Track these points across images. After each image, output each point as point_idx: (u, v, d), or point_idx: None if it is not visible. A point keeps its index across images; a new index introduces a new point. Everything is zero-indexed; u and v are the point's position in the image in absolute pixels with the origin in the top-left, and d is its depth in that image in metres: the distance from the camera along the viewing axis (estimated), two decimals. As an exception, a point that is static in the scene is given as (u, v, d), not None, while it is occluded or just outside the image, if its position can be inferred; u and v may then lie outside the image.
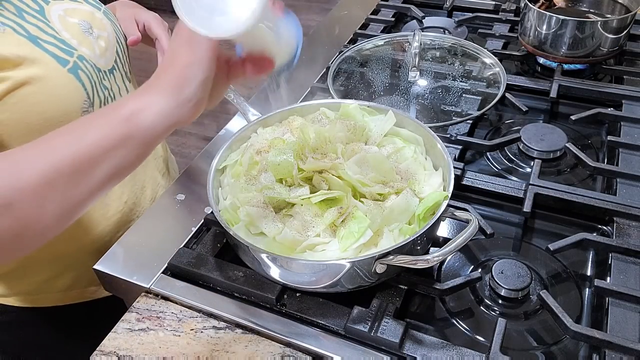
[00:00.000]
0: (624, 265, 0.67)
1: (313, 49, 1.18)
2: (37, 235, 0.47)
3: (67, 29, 0.71)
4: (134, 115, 0.46)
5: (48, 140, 0.46)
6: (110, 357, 0.62)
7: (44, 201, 0.45)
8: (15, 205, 0.43)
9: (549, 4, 1.08)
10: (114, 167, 0.47)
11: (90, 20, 0.75)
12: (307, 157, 0.67)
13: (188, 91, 0.47)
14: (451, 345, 0.59)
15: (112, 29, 0.79)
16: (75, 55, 0.69)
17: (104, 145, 0.45)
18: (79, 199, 0.47)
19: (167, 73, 0.47)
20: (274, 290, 0.65)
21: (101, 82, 0.73)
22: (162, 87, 0.47)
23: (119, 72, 0.79)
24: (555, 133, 0.87)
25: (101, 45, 0.75)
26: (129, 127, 0.46)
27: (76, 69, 0.68)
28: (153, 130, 0.47)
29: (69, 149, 0.45)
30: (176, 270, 0.70)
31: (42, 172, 0.44)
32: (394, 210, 0.63)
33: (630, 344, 0.57)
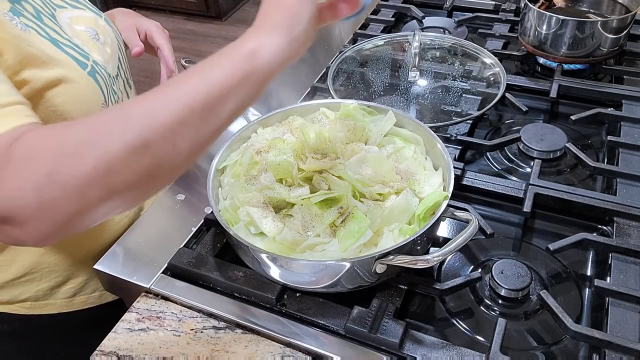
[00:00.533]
0: (624, 265, 0.67)
1: (313, 49, 1.18)
2: (170, 174, 0.49)
3: (76, 35, 0.71)
4: (253, 53, 0.48)
5: (178, 82, 0.48)
6: (110, 357, 0.62)
7: (178, 139, 0.46)
8: (152, 145, 0.44)
9: (549, 4, 1.08)
10: (237, 104, 0.49)
11: (95, 27, 0.76)
12: (307, 157, 0.67)
13: (299, 28, 0.50)
14: (451, 345, 0.59)
15: (114, 36, 0.79)
16: (90, 59, 0.69)
17: (230, 83, 0.47)
18: (208, 135, 0.48)
19: (277, 12, 0.50)
20: (274, 290, 0.65)
21: (112, 87, 0.73)
22: (275, 26, 0.50)
23: (122, 78, 0.79)
24: (555, 133, 0.87)
25: (107, 51, 0.75)
26: (251, 65, 0.48)
27: (94, 72, 0.68)
28: (270, 67, 0.49)
29: (200, 89, 0.47)
30: (176, 270, 0.70)
31: (175, 112, 0.45)
32: (394, 210, 0.63)
33: (630, 344, 0.57)
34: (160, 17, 3.53)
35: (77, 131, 0.45)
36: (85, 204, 0.45)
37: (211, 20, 3.56)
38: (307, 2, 0.51)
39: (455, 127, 0.89)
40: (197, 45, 3.30)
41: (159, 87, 0.48)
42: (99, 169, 0.43)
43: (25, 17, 0.63)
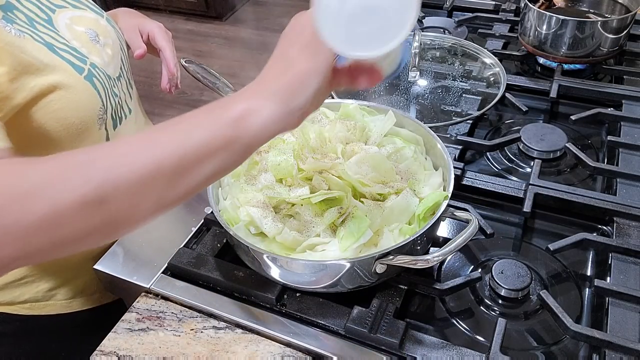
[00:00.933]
0: (624, 265, 0.67)
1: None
2: (125, 232, 0.45)
3: (75, 37, 0.70)
4: (242, 118, 0.43)
5: (152, 135, 0.44)
6: (110, 357, 0.62)
7: (140, 200, 0.42)
8: (109, 201, 0.41)
9: (549, 4, 1.08)
10: (214, 169, 0.45)
11: (96, 28, 0.74)
12: (307, 157, 0.67)
13: (300, 100, 0.45)
14: (451, 345, 0.59)
15: (116, 36, 0.78)
16: (88, 63, 0.68)
17: (209, 146, 0.43)
18: (175, 198, 0.45)
19: (281, 78, 0.45)
20: (274, 290, 0.65)
21: (112, 90, 0.73)
22: (274, 91, 0.44)
23: (124, 78, 0.79)
24: (555, 133, 0.87)
25: (108, 53, 0.74)
26: (236, 130, 0.43)
27: (91, 76, 0.67)
28: (258, 136, 0.44)
29: (175, 147, 0.43)
30: (176, 270, 0.70)
31: (142, 170, 0.41)
32: (394, 210, 0.63)
33: (630, 344, 0.57)
34: (160, 17, 3.53)
35: (34, 173, 0.41)
36: (28, 251, 0.41)
37: (211, 20, 3.56)
38: (319, 72, 0.45)
39: (455, 127, 0.89)
40: (197, 45, 3.30)
41: (132, 137, 0.44)
42: (46, 219, 0.40)
43: (19, 25, 0.62)
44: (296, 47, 0.45)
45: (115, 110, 0.74)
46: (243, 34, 3.39)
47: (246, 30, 3.40)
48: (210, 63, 3.02)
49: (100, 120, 0.69)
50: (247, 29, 3.41)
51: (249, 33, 3.38)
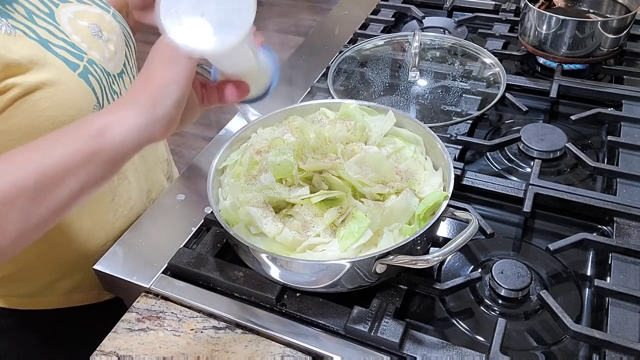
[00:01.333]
0: (624, 265, 0.67)
1: (313, 49, 1.18)
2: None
3: (77, 32, 0.69)
4: (103, 130, 0.45)
5: (11, 157, 0.45)
6: (110, 357, 0.62)
7: (3, 221, 0.43)
8: None
9: (549, 4, 1.08)
10: (80, 185, 0.46)
11: (100, 23, 0.74)
12: (307, 157, 0.67)
13: (161, 109, 0.46)
14: (451, 345, 0.59)
15: (121, 32, 0.77)
16: (85, 59, 0.67)
17: (70, 162, 0.44)
18: (40, 218, 0.45)
19: (142, 89, 0.47)
20: (274, 290, 0.65)
21: (111, 87, 0.72)
22: (135, 103, 0.46)
23: (128, 75, 0.78)
24: (555, 133, 0.87)
25: (110, 49, 0.73)
26: (98, 143, 0.45)
27: (86, 73, 0.66)
28: (122, 146, 0.46)
29: (33, 166, 0.44)
30: (176, 270, 0.70)
31: (2, 191, 0.43)
32: (394, 210, 0.63)
33: (630, 344, 0.57)
34: (160, 17, 3.52)
35: None
36: None
37: (211, 20, 3.55)
38: (178, 81, 0.46)
39: (455, 127, 0.89)
40: (197, 45, 3.30)
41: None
42: None
43: (14, 19, 0.61)
44: (156, 61, 0.47)
45: None
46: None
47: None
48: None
49: None
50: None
51: (249, 33, 3.38)
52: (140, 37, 0.89)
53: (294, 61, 1.14)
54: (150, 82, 0.47)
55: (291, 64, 1.13)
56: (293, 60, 1.14)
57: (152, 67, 0.47)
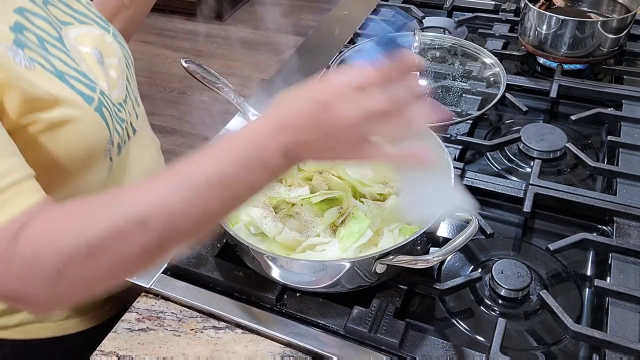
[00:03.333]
0: (624, 265, 0.67)
1: (313, 49, 1.18)
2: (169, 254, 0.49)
3: (83, 59, 0.66)
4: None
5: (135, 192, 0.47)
6: (110, 357, 0.62)
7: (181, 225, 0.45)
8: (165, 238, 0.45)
9: (549, 4, 1.08)
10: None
11: (101, 47, 0.70)
12: None
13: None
14: (451, 345, 0.59)
15: (121, 53, 0.75)
16: (97, 90, 0.64)
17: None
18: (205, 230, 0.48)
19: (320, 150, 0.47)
20: (274, 290, 0.65)
21: (117, 116, 0.69)
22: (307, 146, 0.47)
23: (131, 99, 0.75)
24: (555, 133, 0.87)
25: (112, 75, 0.70)
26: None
27: (100, 106, 0.64)
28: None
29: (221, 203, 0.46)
30: (176, 270, 0.70)
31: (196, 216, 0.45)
32: (394, 210, 0.63)
33: (630, 344, 0.57)
34: (160, 17, 3.53)
35: (93, 231, 0.44)
36: (91, 292, 0.47)
37: (211, 20, 3.56)
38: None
39: (455, 127, 0.89)
40: (197, 45, 3.30)
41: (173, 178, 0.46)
42: (112, 270, 0.45)
43: (30, 49, 0.58)
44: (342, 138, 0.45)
45: (123, 138, 0.71)
46: (243, 34, 3.39)
47: (246, 30, 3.40)
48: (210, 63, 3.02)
49: (107, 151, 0.66)
50: (247, 29, 3.41)
51: (249, 33, 3.38)
52: (140, 37, 0.89)
53: (294, 61, 1.14)
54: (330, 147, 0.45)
55: (291, 64, 1.13)
56: (293, 60, 1.14)
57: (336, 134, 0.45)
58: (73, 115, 0.60)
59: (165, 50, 3.16)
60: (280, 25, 3.41)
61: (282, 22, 3.46)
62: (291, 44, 3.23)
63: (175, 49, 3.21)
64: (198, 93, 2.74)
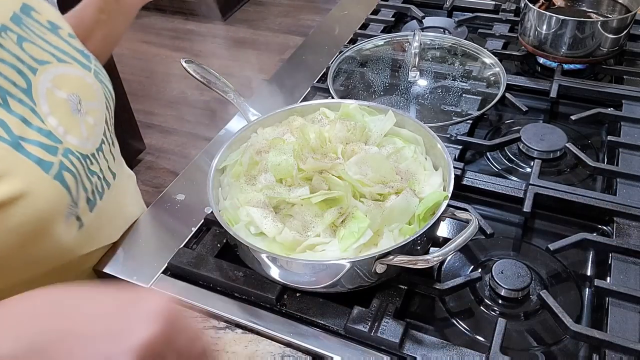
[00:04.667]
0: (624, 265, 0.67)
1: (313, 49, 1.18)
2: None
3: (54, 111, 0.60)
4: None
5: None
6: (110, 357, 0.62)
7: None
8: None
9: (549, 4, 1.08)
10: None
11: (80, 91, 0.65)
12: (307, 157, 0.67)
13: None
14: (451, 345, 0.59)
15: (102, 94, 0.70)
16: (60, 151, 0.58)
17: None
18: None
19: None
20: (274, 290, 0.65)
21: (88, 170, 0.63)
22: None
23: (107, 144, 0.70)
24: (555, 133, 0.87)
25: (89, 122, 0.65)
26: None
27: (61, 170, 0.58)
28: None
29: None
30: (176, 270, 0.70)
31: None
32: (394, 210, 0.63)
33: (630, 344, 0.57)
34: (160, 17, 3.53)
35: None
36: None
37: (211, 20, 3.56)
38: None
39: (455, 127, 0.89)
40: (197, 45, 3.30)
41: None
42: None
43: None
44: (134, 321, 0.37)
45: (94, 191, 0.66)
46: (243, 34, 3.39)
47: (246, 30, 3.41)
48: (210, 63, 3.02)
49: (69, 214, 0.60)
50: (247, 29, 3.41)
51: (249, 33, 3.38)
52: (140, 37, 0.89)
53: (294, 61, 1.14)
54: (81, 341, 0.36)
55: (291, 64, 1.13)
56: (293, 60, 1.14)
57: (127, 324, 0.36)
58: (23, 189, 0.53)
59: (165, 50, 3.16)
60: (280, 25, 3.41)
61: (282, 22, 3.46)
62: (291, 44, 3.23)
63: (175, 49, 3.21)
64: (198, 93, 2.74)
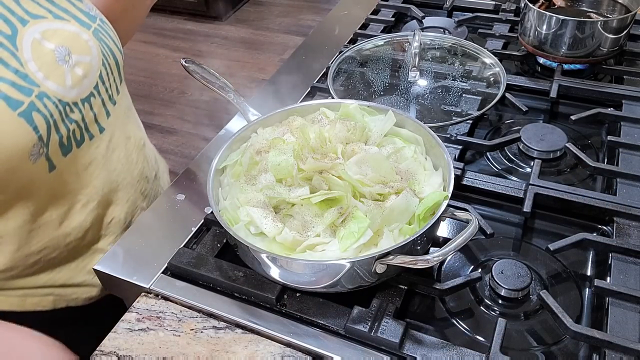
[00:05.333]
0: (624, 265, 0.67)
1: (313, 49, 1.18)
2: None
3: (37, 58, 0.64)
4: None
5: None
6: (110, 357, 0.62)
7: None
8: None
9: (549, 4, 1.08)
10: None
11: (70, 44, 0.69)
12: (307, 157, 0.67)
13: None
14: (451, 345, 0.59)
15: (98, 51, 0.73)
16: (34, 93, 0.63)
17: None
18: None
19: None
20: (274, 290, 0.65)
21: (67, 117, 0.68)
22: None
23: (99, 97, 0.74)
24: (555, 133, 0.87)
25: (77, 73, 0.69)
26: None
27: (30, 110, 0.62)
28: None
29: None
30: (176, 270, 0.70)
31: None
32: (394, 210, 0.63)
33: (630, 344, 0.57)
34: (160, 17, 3.53)
35: None
36: None
37: (211, 20, 3.56)
38: None
39: (455, 127, 0.89)
40: (197, 45, 3.30)
41: None
42: None
43: None
44: None
45: (70, 136, 0.70)
46: (243, 34, 3.39)
47: (246, 30, 3.41)
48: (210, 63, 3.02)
49: (35, 155, 0.64)
50: (247, 29, 3.41)
51: (249, 33, 3.38)
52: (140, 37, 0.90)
53: (294, 61, 1.14)
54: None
55: (291, 64, 1.13)
56: (293, 60, 1.14)
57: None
58: None
59: (165, 50, 3.16)
60: (280, 25, 3.41)
61: (282, 22, 3.46)
62: (291, 44, 3.24)
63: (175, 49, 3.21)
64: (198, 93, 2.74)
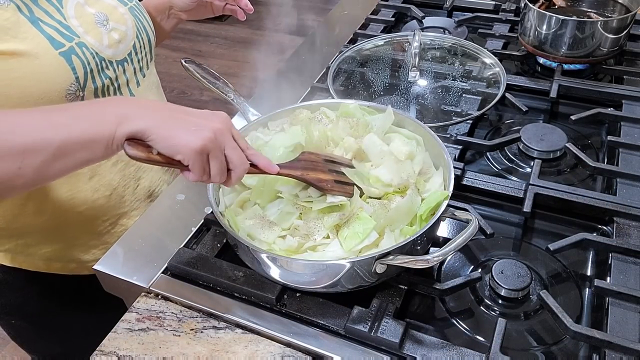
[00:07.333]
0: (624, 265, 0.67)
1: (313, 49, 1.18)
2: (8, 190, 0.54)
3: (79, 16, 0.72)
4: (122, 120, 0.53)
5: (45, 114, 0.53)
6: (110, 357, 0.62)
7: (25, 165, 0.51)
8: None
9: (549, 4, 1.08)
10: (88, 158, 0.53)
11: (109, 12, 0.76)
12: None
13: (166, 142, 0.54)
14: (451, 345, 0.59)
15: (132, 24, 0.80)
16: (75, 41, 0.70)
17: (88, 137, 0.52)
18: (52, 174, 0.54)
19: (173, 115, 0.55)
20: (274, 290, 0.65)
21: (102, 71, 0.74)
22: (156, 114, 0.54)
23: (131, 65, 0.80)
24: (555, 133, 0.87)
25: (114, 37, 0.76)
26: (115, 129, 0.52)
27: (70, 53, 0.69)
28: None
29: (61, 130, 0.51)
30: (176, 270, 0.70)
31: (32, 141, 0.50)
32: (399, 211, 0.63)
33: (630, 344, 0.57)
34: (160, 17, 3.52)
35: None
36: None
37: (211, 20, 3.55)
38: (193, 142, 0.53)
39: (455, 127, 0.89)
40: (197, 45, 3.30)
41: (32, 110, 0.54)
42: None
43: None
44: (201, 118, 0.56)
45: (104, 90, 0.75)
46: (243, 34, 3.39)
47: (246, 30, 3.40)
48: (210, 63, 3.01)
49: (71, 95, 0.70)
50: (247, 29, 3.41)
51: (249, 33, 3.38)
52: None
53: (294, 61, 1.14)
54: (180, 117, 0.55)
55: (291, 64, 1.13)
56: (293, 60, 1.14)
57: (193, 116, 0.56)
58: (26, 50, 0.65)
59: (165, 50, 3.16)
60: (280, 25, 3.41)
61: (282, 22, 3.45)
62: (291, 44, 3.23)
63: (175, 49, 3.21)
64: (198, 93, 2.74)
